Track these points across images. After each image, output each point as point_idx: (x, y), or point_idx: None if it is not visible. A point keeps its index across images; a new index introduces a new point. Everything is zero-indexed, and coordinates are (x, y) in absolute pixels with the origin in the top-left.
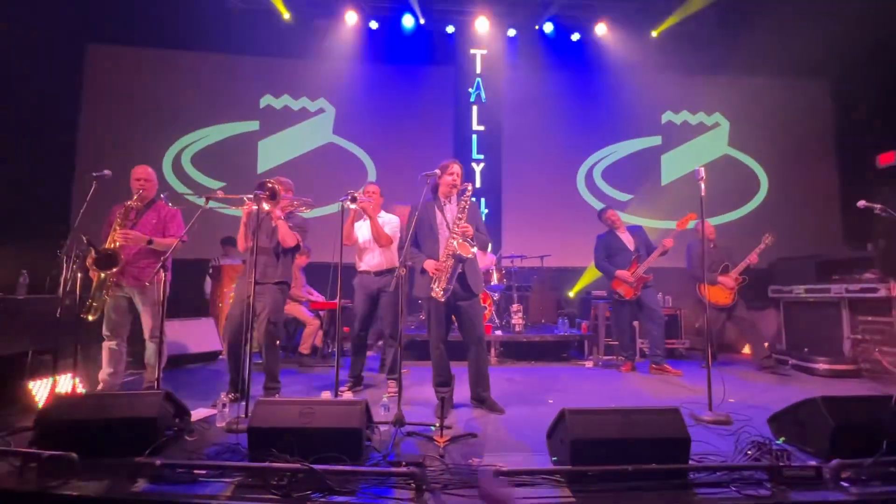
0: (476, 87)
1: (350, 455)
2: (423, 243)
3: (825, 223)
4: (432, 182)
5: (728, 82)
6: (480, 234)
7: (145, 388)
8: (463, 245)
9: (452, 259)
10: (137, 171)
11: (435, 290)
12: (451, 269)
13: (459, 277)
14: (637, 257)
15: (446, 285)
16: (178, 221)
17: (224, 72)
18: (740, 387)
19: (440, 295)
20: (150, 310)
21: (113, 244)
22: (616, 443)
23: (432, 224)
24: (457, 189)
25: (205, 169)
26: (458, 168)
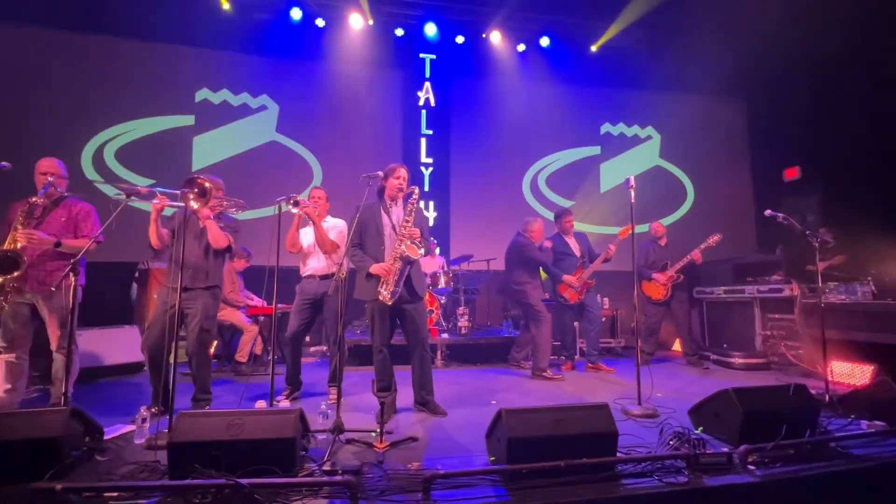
0: (425, 91)
1: (283, 467)
2: (367, 246)
3: (742, 230)
4: (376, 184)
5: (658, 98)
6: (424, 239)
7: (51, 406)
8: (411, 247)
9: (401, 261)
10: (42, 163)
11: (382, 294)
12: (398, 271)
13: (405, 280)
14: (582, 263)
15: (394, 288)
16: (92, 220)
17: (156, 61)
18: (668, 381)
19: (388, 298)
20: (56, 318)
21: (13, 245)
22: (550, 440)
23: (378, 226)
24: (403, 193)
25: (131, 165)
26: (404, 172)
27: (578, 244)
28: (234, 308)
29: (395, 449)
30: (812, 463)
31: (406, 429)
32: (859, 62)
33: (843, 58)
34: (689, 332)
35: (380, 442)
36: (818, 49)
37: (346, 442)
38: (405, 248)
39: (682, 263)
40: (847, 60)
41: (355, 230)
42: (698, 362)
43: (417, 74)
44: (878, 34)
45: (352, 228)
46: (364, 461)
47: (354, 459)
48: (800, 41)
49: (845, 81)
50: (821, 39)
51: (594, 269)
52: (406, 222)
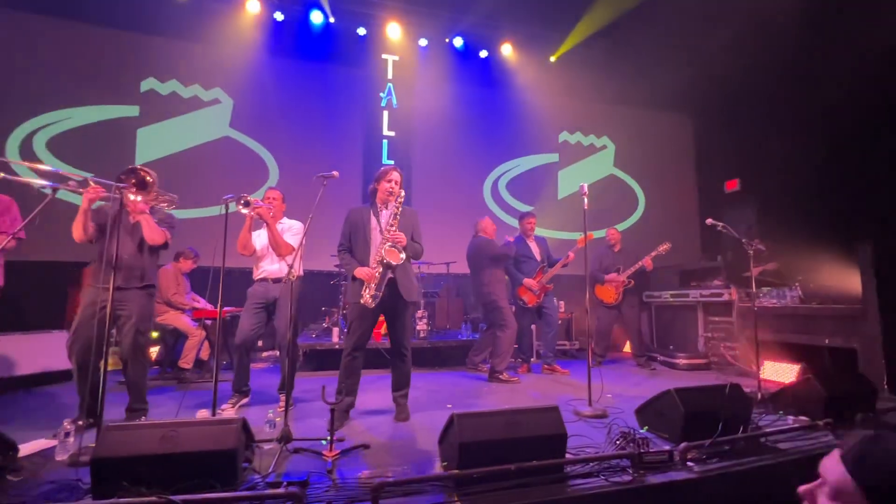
0: (387, 92)
1: (223, 480)
2: (356, 249)
3: (687, 237)
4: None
5: (613, 110)
6: (414, 242)
7: None
8: (391, 251)
9: (382, 266)
10: None
11: (364, 297)
12: (380, 275)
13: (390, 284)
14: (542, 268)
15: (375, 292)
16: (12, 215)
17: (97, 46)
18: (618, 382)
19: (370, 301)
20: None
21: None
22: (501, 443)
23: (366, 230)
24: (394, 196)
25: (66, 156)
26: (396, 175)
27: (539, 248)
28: (179, 311)
29: (345, 457)
30: (745, 458)
31: (359, 436)
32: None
33: (778, 76)
34: (638, 335)
35: (329, 450)
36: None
37: (293, 451)
38: (385, 252)
39: (633, 269)
40: (782, 79)
41: (344, 233)
42: (646, 363)
43: (380, 75)
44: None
45: (342, 232)
46: (311, 471)
47: (302, 469)
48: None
49: (780, 98)
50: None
51: (553, 274)
52: (390, 227)
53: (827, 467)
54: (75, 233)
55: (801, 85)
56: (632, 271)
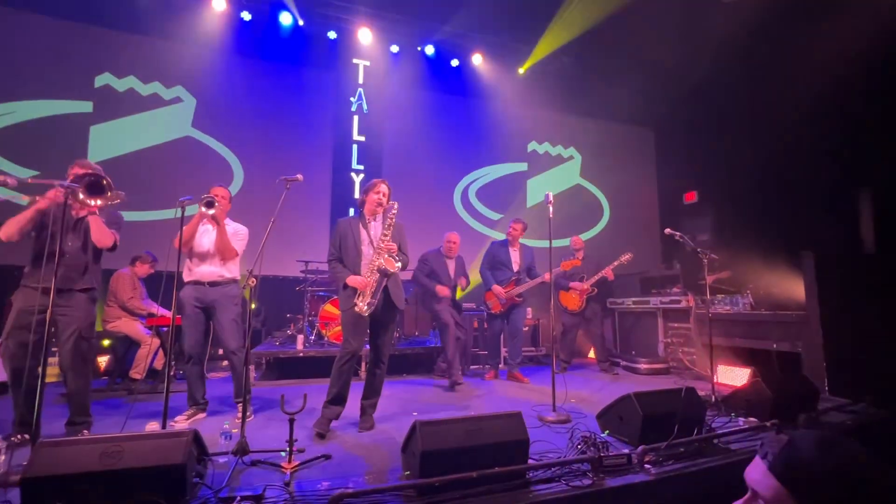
0: (358, 96)
1: (170, 497)
2: (346, 259)
3: (649, 246)
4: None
5: (579, 122)
6: (403, 254)
7: None
8: (389, 260)
9: (378, 274)
10: None
11: (359, 305)
12: (375, 283)
13: (383, 292)
14: (516, 280)
15: (370, 300)
16: None
17: (47, 37)
18: (582, 388)
19: (364, 309)
20: None
21: None
22: (464, 451)
23: (356, 241)
24: (382, 208)
25: (10, 153)
26: (384, 188)
27: (521, 258)
28: (132, 318)
29: (305, 469)
30: (699, 459)
31: (320, 446)
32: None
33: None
34: (601, 341)
35: (288, 462)
36: (713, 83)
37: (250, 464)
38: (383, 261)
39: (596, 278)
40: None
41: (334, 243)
42: (610, 369)
43: (350, 80)
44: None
45: (331, 243)
46: (268, 484)
47: (258, 483)
48: (697, 75)
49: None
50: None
51: (525, 290)
52: (384, 236)
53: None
54: (8, 230)
55: (755, 99)
56: (594, 280)
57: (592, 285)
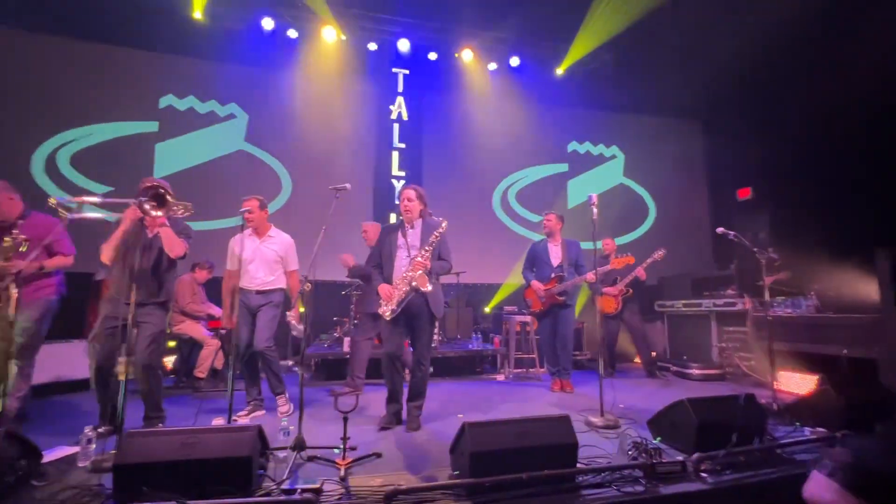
0: (398, 105)
1: (239, 486)
2: (384, 265)
3: (699, 246)
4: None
5: (622, 118)
6: (443, 260)
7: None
8: (422, 278)
9: (408, 288)
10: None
11: (383, 309)
12: (404, 295)
13: (423, 300)
14: (557, 277)
15: (395, 307)
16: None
17: (118, 65)
18: (630, 393)
19: (387, 314)
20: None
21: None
22: (512, 452)
23: (392, 247)
24: (410, 214)
25: (88, 171)
26: (408, 192)
27: (564, 253)
28: (195, 321)
29: (358, 466)
30: (760, 469)
31: (371, 445)
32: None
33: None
34: (644, 343)
35: (342, 459)
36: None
37: (307, 459)
38: (417, 279)
39: (629, 278)
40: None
41: (374, 250)
42: (656, 372)
43: (390, 88)
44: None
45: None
46: (325, 479)
47: (316, 477)
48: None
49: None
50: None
51: (568, 287)
52: (426, 251)
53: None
54: (108, 254)
55: (815, 88)
56: (628, 280)
57: (626, 286)
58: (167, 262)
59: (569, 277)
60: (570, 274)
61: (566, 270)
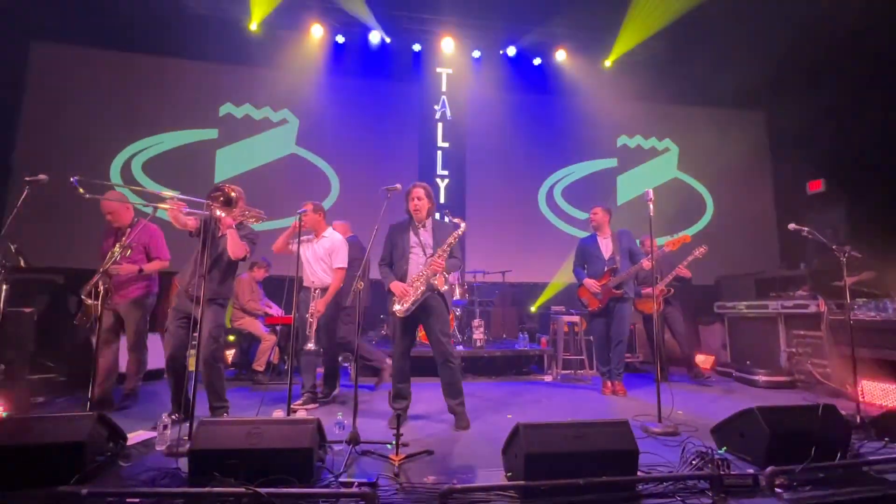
0: (441, 104)
1: (300, 477)
2: (394, 263)
3: (764, 243)
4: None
5: (676, 111)
6: (454, 258)
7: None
8: (441, 279)
9: (424, 287)
10: (103, 206)
11: (397, 308)
12: (419, 295)
13: (440, 297)
14: (610, 270)
15: (409, 306)
16: (161, 242)
17: (182, 77)
18: (689, 399)
19: (401, 312)
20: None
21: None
22: (569, 456)
23: (405, 246)
24: (419, 213)
25: (157, 177)
26: (417, 191)
27: (615, 245)
28: (253, 317)
29: (410, 462)
30: (844, 488)
31: (421, 442)
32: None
33: (866, 65)
34: (687, 345)
35: (395, 455)
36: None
37: (361, 453)
38: (436, 279)
39: (669, 278)
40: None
41: (386, 248)
42: (700, 375)
43: (434, 88)
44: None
45: (385, 247)
46: (380, 473)
47: (370, 471)
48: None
49: (870, 90)
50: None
51: (624, 279)
52: (444, 252)
53: None
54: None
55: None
56: (668, 280)
57: (668, 285)
58: (228, 263)
59: (624, 269)
60: (625, 265)
61: (621, 262)
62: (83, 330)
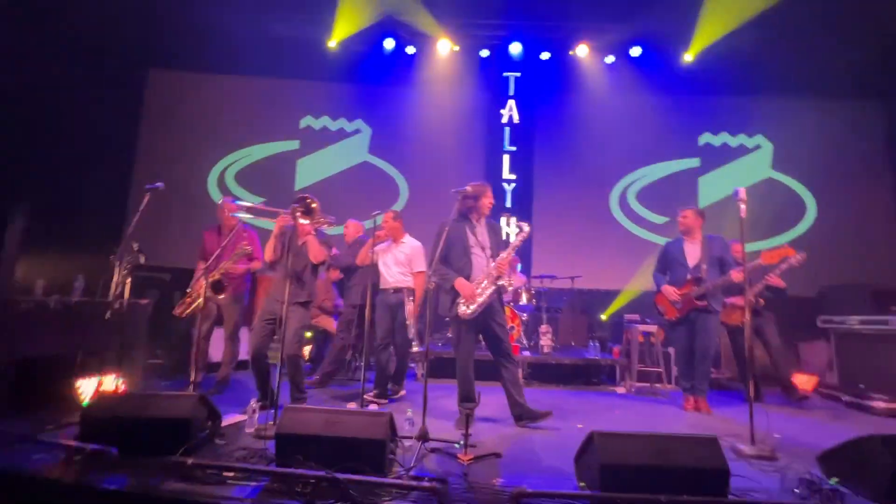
0: (508, 108)
1: (373, 467)
2: (454, 262)
3: (881, 250)
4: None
5: (770, 103)
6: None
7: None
8: (508, 280)
9: (494, 287)
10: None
11: (462, 310)
12: (488, 295)
13: (498, 297)
14: (694, 279)
15: (476, 308)
16: (257, 244)
17: (268, 94)
18: (787, 422)
19: (467, 314)
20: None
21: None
22: (649, 470)
23: (465, 245)
24: (487, 212)
25: (247, 185)
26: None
27: (704, 252)
28: (328, 315)
29: (478, 462)
30: None
31: (488, 443)
32: None
33: None
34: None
35: (464, 454)
36: None
37: (430, 450)
38: (505, 280)
39: (759, 287)
40: None
41: (442, 245)
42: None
43: (501, 93)
44: None
45: (438, 246)
46: (449, 471)
47: (439, 468)
48: None
49: None
50: None
51: (710, 290)
52: (509, 254)
53: None
54: (268, 254)
55: None
56: (757, 290)
57: (757, 296)
58: (311, 267)
59: (711, 278)
60: (713, 275)
61: (708, 271)
62: (183, 321)
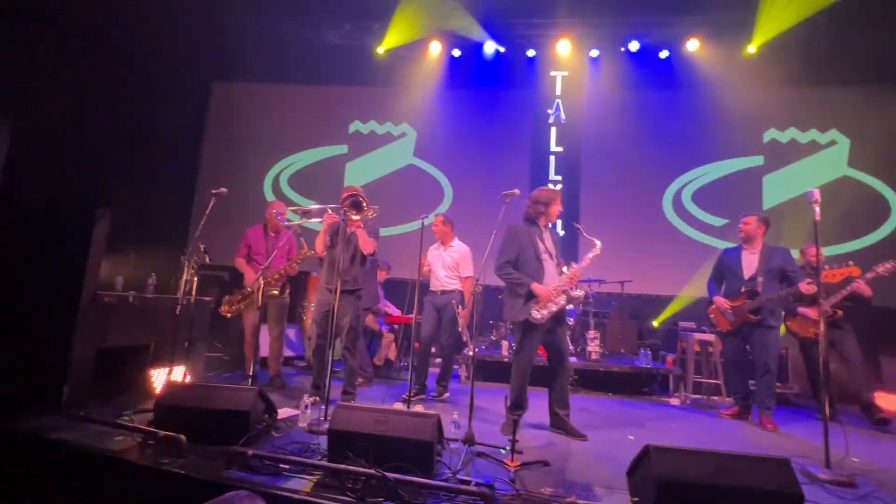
0: (555, 108)
1: (421, 468)
2: (524, 268)
3: None
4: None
5: (846, 94)
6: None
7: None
8: (580, 293)
9: (565, 297)
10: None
11: (535, 315)
12: (559, 308)
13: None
14: (748, 291)
15: (547, 313)
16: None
17: (318, 101)
18: (868, 445)
19: (539, 319)
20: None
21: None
22: (710, 489)
23: (536, 251)
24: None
25: (299, 189)
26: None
27: (762, 263)
28: (375, 315)
29: (525, 470)
30: None
31: (535, 451)
32: None
33: None
34: (863, 379)
35: (511, 460)
36: None
37: (476, 454)
38: (576, 292)
39: (839, 297)
40: None
41: (512, 249)
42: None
43: (547, 93)
44: None
45: (505, 248)
46: (496, 476)
47: (486, 473)
48: None
49: None
50: None
51: (765, 304)
52: (581, 268)
53: None
54: (318, 246)
55: None
56: (837, 300)
57: (834, 306)
58: (361, 258)
59: (768, 292)
60: (772, 288)
61: (764, 284)
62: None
